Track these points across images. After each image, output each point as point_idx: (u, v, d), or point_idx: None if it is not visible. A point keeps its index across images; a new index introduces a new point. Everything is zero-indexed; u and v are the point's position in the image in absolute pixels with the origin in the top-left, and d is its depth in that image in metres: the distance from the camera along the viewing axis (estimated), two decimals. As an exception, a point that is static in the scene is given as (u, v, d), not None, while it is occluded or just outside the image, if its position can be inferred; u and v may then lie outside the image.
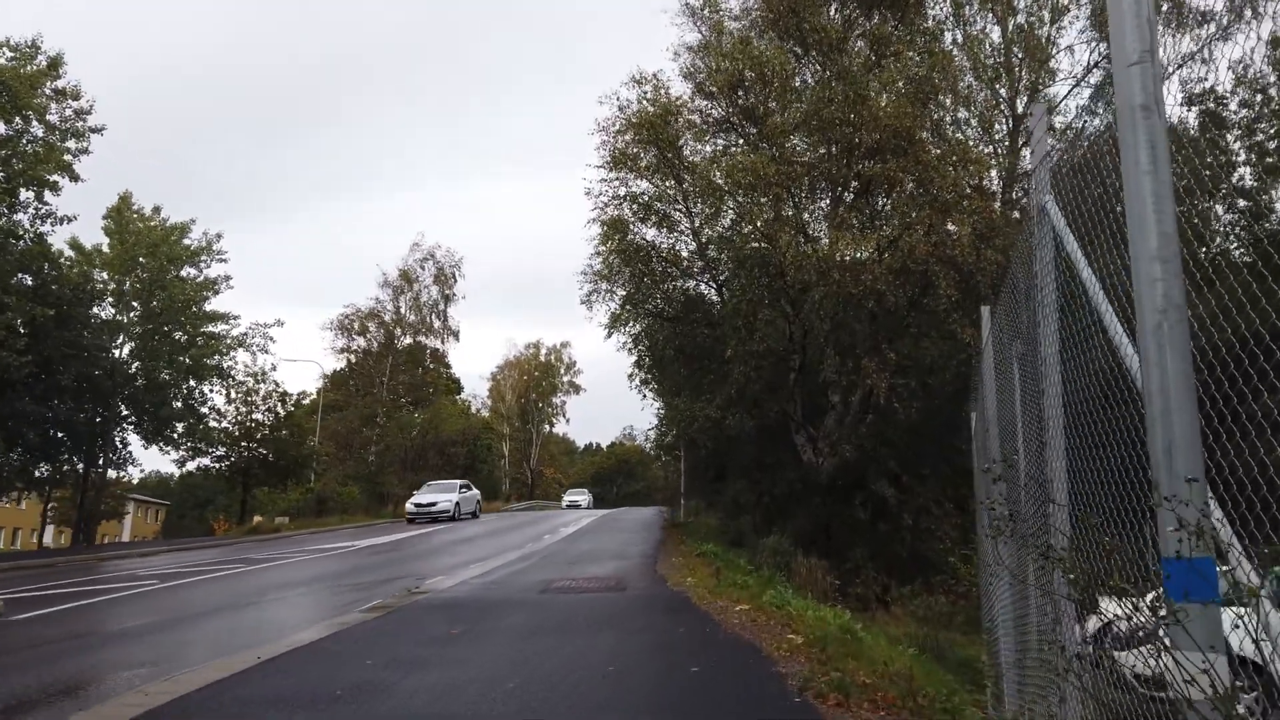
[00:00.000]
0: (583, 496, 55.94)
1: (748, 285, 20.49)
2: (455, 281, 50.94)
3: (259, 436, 35.58)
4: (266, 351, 32.50)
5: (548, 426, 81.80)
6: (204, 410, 30.55)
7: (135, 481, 54.16)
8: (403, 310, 49.85)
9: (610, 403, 71.34)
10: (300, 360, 45.38)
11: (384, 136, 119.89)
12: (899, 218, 18.70)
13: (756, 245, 20.35)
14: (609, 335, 23.66)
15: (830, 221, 21.07)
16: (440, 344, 52.45)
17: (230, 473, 35.70)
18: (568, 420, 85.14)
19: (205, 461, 35.11)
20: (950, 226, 17.98)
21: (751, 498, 21.96)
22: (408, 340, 50.25)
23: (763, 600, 10.36)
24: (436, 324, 50.96)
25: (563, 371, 78.08)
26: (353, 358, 49.50)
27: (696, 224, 24.53)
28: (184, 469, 35.22)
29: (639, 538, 23.71)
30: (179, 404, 29.58)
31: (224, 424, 35.29)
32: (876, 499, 20.18)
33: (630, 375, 24.23)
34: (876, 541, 20.72)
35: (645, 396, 24.97)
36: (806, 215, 22.33)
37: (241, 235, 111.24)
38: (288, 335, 78.25)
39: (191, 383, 29.98)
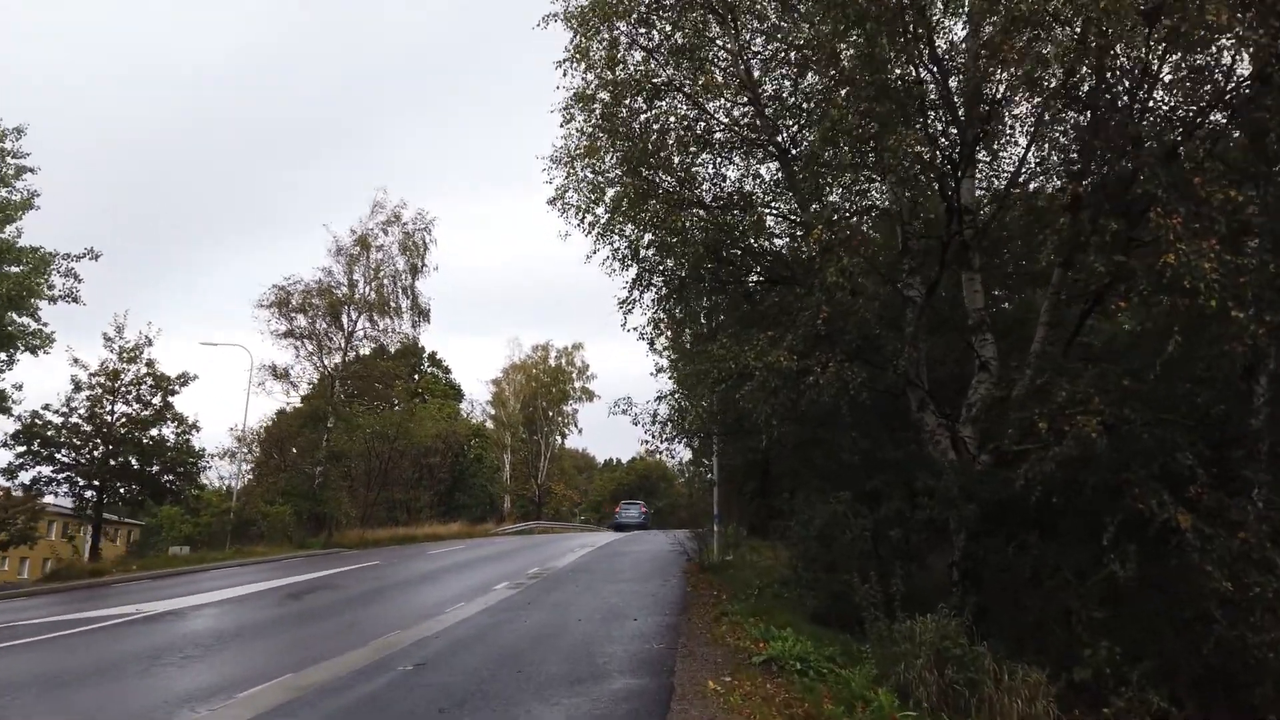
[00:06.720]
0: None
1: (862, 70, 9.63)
2: (426, 250, 40.23)
3: (120, 434, 25.16)
4: (76, 299, 21.88)
5: (559, 438, 71.04)
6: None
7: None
8: (360, 286, 39.26)
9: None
10: (223, 344, 35.70)
11: (396, 148, 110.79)
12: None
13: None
14: (592, 238, 12.98)
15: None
16: (411, 329, 41.77)
17: (75, 486, 25.24)
18: (580, 431, 74.41)
19: (46, 470, 24.75)
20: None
21: (864, 529, 10.92)
22: (364, 321, 39.48)
23: None
24: (404, 302, 40.29)
25: (575, 377, 67.21)
26: (338, 358, 38.51)
27: (749, 73, 13.69)
28: (14, 479, 24.72)
29: (639, 602, 12.88)
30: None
31: (73, 419, 24.95)
32: (1145, 533, 9.26)
33: (623, 303, 13.28)
34: (1138, 622, 9.77)
35: (653, 345, 14.03)
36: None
37: (243, 252, 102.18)
38: (261, 346, 68.69)
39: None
